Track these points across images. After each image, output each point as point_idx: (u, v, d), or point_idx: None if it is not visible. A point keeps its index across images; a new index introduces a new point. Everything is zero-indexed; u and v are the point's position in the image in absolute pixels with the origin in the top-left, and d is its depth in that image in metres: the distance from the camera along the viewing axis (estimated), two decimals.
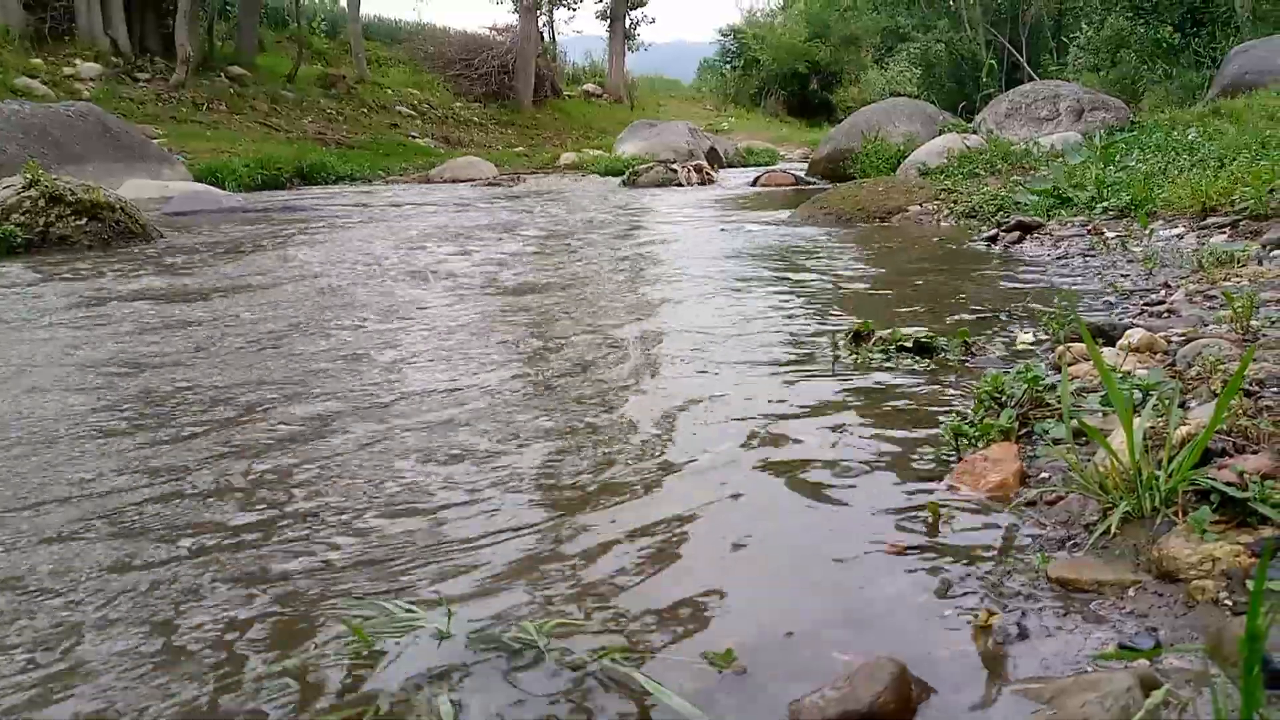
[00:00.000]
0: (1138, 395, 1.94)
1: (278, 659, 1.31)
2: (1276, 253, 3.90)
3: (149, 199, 9.10)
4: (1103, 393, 2.08)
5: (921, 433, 2.18)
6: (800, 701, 1.15)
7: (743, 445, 2.17)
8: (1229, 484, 1.44)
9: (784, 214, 8.43)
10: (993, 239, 5.79)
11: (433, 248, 6.55)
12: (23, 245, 6.23)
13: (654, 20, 35.27)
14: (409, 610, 1.38)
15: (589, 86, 32.86)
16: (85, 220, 6.62)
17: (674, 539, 1.68)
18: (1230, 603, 1.27)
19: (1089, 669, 1.19)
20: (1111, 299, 3.61)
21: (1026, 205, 6.54)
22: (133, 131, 12.00)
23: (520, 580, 1.53)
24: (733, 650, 1.27)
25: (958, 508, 1.73)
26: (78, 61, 17.91)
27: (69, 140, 10.65)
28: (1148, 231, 5.04)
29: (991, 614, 1.33)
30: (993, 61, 22.29)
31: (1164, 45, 17.47)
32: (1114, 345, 2.61)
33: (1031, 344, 2.97)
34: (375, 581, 1.53)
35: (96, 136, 11.07)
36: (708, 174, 14.65)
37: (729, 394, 2.61)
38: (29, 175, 6.54)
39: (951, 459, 1.97)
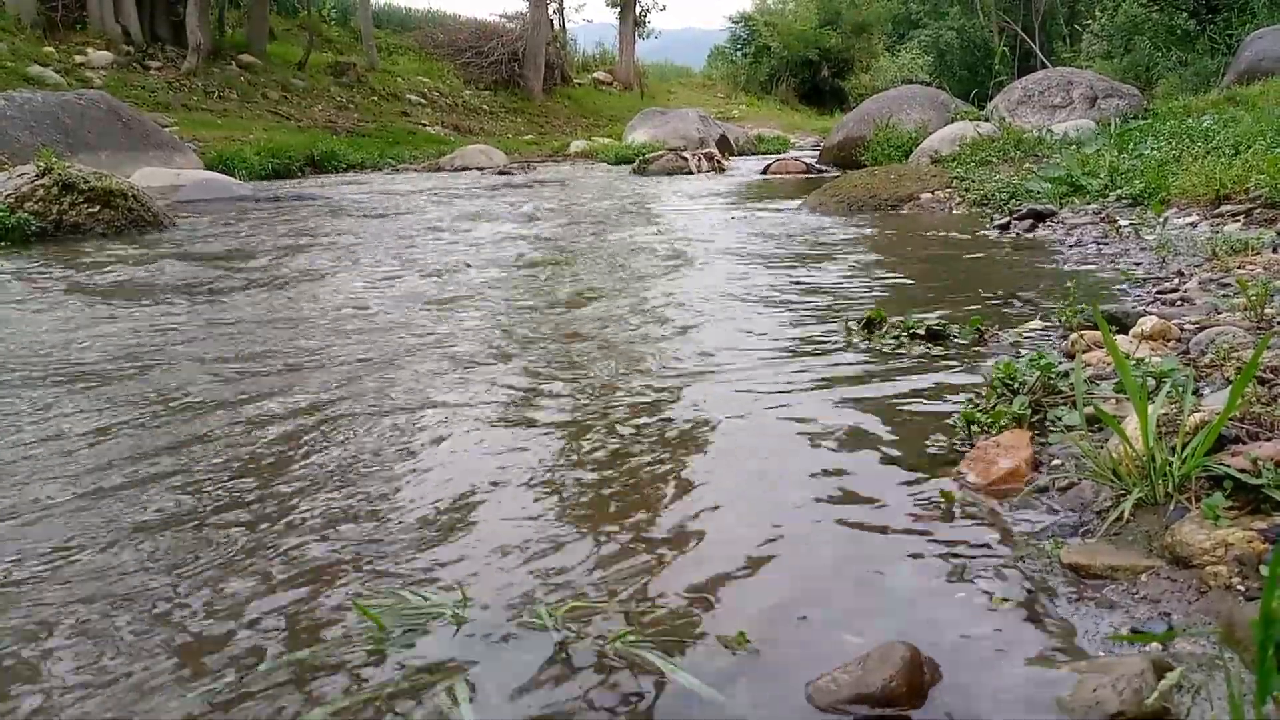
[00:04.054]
0: (1151, 382, 1.93)
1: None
2: None
3: (160, 186, 9.13)
4: (1116, 380, 2.08)
5: (934, 419, 2.17)
6: (813, 684, 1.16)
7: (752, 444, 2.18)
8: (1242, 470, 1.44)
9: (795, 202, 8.40)
10: (1005, 227, 5.76)
11: (450, 235, 6.55)
12: (36, 233, 6.26)
13: (664, 7, 35.03)
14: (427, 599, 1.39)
15: (599, 74, 32.79)
16: (98, 208, 6.65)
17: (679, 527, 1.69)
18: (1243, 588, 1.27)
19: (1102, 653, 1.19)
20: (1124, 287, 3.60)
21: (1039, 193, 6.51)
22: (144, 119, 12.03)
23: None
24: (745, 633, 1.28)
25: (970, 493, 1.73)
26: (89, 50, 17.96)
27: (81, 128, 10.69)
28: (1161, 219, 5.01)
29: (1004, 599, 1.34)
30: (1005, 48, 22.12)
31: (1179, 32, 17.34)
32: (1127, 333, 2.60)
33: (1043, 331, 2.96)
34: None
35: (108, 124, 11.10)
36: (718, 162, 14.61)
37: (732, 390, 2.61)
38: (42, 163, 6.57)
39: (964, 445, 1.97)
